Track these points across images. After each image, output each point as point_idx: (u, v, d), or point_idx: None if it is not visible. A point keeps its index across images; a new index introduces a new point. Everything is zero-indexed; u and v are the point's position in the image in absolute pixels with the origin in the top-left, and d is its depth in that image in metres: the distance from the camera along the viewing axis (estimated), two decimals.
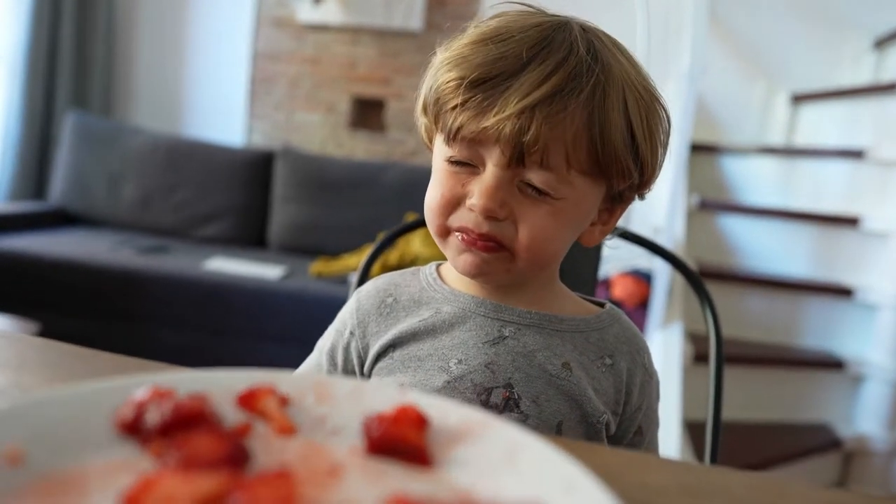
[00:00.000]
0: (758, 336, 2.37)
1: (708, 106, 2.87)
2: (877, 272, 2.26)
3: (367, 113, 3.29)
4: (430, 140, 0.64)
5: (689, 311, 2.17)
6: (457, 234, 0.60)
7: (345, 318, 0.69)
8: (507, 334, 0.62)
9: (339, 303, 0.72)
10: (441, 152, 0.61)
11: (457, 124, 0.56)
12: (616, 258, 2.24)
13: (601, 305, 0.68)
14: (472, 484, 0.30)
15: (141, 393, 0.30)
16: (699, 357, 2.08)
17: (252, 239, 3.01)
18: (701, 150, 2.73)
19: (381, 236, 0.95)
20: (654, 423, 0.68)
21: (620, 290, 2.21)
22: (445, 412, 0.32)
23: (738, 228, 2.57)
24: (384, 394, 0.34)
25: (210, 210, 2.98)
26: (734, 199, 2.79)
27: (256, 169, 3.01)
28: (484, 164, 0.58)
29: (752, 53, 2.94)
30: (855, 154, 2.38)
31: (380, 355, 0.65)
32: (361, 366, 0.67)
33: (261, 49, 3.34)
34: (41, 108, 3.21)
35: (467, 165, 0.59)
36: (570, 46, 0.56)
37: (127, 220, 2.99)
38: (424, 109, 0.61)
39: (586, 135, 0.55)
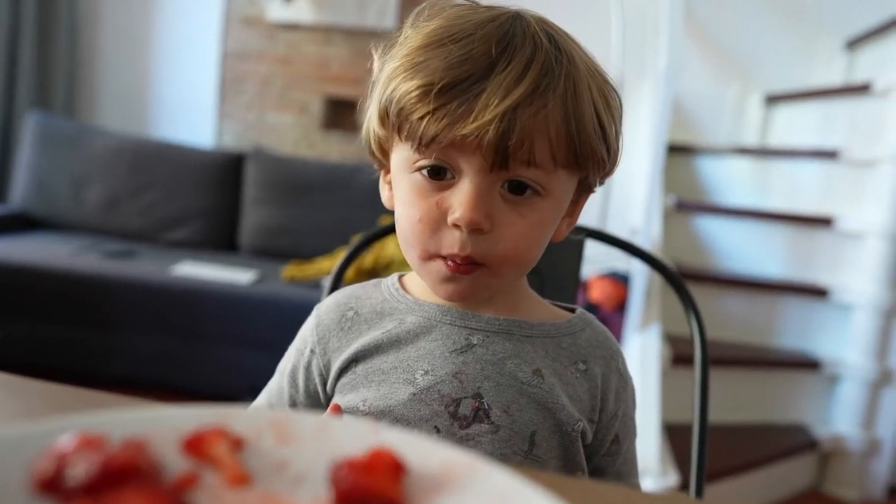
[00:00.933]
0: (733, 337, 2.36)
1: (683, 107, 2.87)
2: (851, 272, 2.27)
3: (340, 113, 3.24)
4: (384, 151, 0.60)
5: (666, 313, 2.15)
6: (443, 260, 0.56)
7: (305, 335, 0.65)
8: (475, 342, 0.59)
9: (312, 308, 0.68)
10: (406, 161, 0.57)
11: (430, 133, 0.52)
12: (593, 260, 2.21)
13: (571, 311, 0.66)
14: None
15: (65, 441, 0.26)
16: (677, 359, 2.06)
17: (222, 243, 2.94)
18: (676, 151, 2.73)
19: (355, 239, 0.92)
20: (631, 431, 0.65)
21: (598, 293, 2.19)
22: (425, 455, 0.28)
23: (713, 229, 2.57)
24: (355, 432, 0.29)
25: (179, 213, 2.90)
26: (709, 199, 2.79)
27: (227, 171, 2.94)
28: (459, 171, 0.54)
29: (725, 54, 2.95)
30: (828, 154, 2.39)
31: (342, 371, 0.62)
32: (324, 385, 0.63)
33: (230, 48, 3.26)
34: (1, 108, 3.10)
35: (439, 174, 0.55)
36: (534, 39, 0.54)
37: (92, 224, 2.89)
38: (382, 121, 0.57)
39: (564, 129, 0.53)
